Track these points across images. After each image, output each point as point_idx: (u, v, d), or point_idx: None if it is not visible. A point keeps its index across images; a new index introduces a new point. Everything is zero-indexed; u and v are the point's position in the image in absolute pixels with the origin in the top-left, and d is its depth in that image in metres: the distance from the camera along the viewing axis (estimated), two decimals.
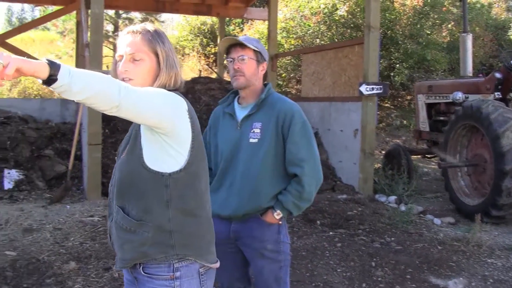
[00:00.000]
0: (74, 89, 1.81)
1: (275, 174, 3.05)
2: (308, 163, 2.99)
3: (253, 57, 3.08)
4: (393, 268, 5.51)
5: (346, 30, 16.51)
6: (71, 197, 7.84)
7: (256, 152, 3.04)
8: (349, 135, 9.19)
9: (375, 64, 8.72)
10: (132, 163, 2.22)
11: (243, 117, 3.13)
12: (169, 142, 2.15)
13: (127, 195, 2.24)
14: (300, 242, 6.19)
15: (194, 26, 21.67)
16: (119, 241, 2.27)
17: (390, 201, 8.19)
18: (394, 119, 16.59)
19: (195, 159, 2.24)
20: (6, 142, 8.86)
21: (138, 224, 2.20)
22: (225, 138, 3.18)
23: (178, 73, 2.34)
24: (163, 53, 2.30)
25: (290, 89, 18.29)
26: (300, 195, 3.01)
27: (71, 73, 1.80)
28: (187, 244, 2.24)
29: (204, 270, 2.30)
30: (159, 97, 2.10)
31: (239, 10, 14.05)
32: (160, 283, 2.22)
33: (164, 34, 2.37)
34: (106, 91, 1.87)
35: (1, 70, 1.71)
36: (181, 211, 2.22)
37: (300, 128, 3.02)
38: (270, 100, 3.11)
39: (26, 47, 19.07)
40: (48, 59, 1.79)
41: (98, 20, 7.89)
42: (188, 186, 2.23)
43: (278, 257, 3.12)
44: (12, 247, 5.58)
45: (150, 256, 2.20)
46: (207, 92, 11.19)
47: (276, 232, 3.11)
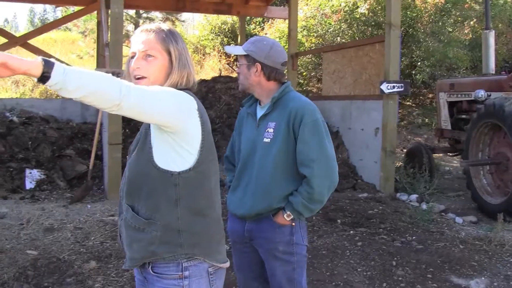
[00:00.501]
0: (70, 87, 1.81)
1: (286, 175, 3.02)
2: (318, 163, 2.92)
3: (245, 62, 3.10)
4: (414, 267, 5.46)
5: (367, 28, 16.42)
6: (92, 197, 7.90)
7: (268, 152, 3.02)
8: (370, 134, 9.14)
9: (396, 62, 8.66)
10: (141, 162, 2.23)
11: (260, 116, 3.14)
12: (178, 141, 2.15)
13: (137, 194, 2.24)
14: (321, 241, 6.17)
15: (215, 25, 21.68)
16: (128, 240, 2.28)
17: (411, 200, 8.14)
18: (415, 117, 16.46)
19: (205, 158, 2.23)
20: (28, 142, 8.95)
21: (147, 222, 2.20)
22: (246, 137, 3.20)
23: (190, 72, 2.34)
24: (176, 52, 2.30)
25: (311, 88, 18.23)
26: (310, 196, 2.94)
27: (66, 71, 1.80)
28: (196, 244, 2.23)
29: (213, 269, 2.30)
30: (167, 95, 2.09)
31: (259, 9, 14.04)
32: (169, 282, 2.21)
33: (178, 34, 2.37)
34: (105, 89, 1.87)
35: None
36: (190, 210, 2.22)
37: (310, 127, 2.95)
38: (284, 99, 3.08)
39: (47, 48, 19.28)
40: (44, 58, 1.80)
41: (118, 20, 7.93)
42: (197, 185, 2.23)
43: (291, 259, 3.08)
44: (33, 246, 5.63)
45: (158, 255, 2.20)
46: (227, 91, 11.22)
47: (288, 233, 3.06)
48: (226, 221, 3.33)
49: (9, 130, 9.12)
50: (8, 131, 9.07)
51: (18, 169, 8.42)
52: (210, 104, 10.62)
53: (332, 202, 7.77)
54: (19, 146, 8.88)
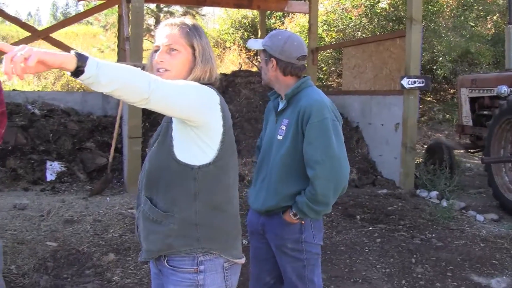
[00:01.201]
0: (102, 81, 1.81)
1: (294, 174, 2.98)
2: (322, 165, 2.83)
3: (263, 57, 3.11)
4: (434, 265, 5.42)
5: (388, 23, 16.33)
6: (111, 190, 7.95)
7: (279, 150, 3.01)
8: (390, 129, 9.08)
9: (417, 57, 8.59)
10: (162, 155, 2.23)
11: (277, 112, 3.14)
12: (200, 135, 2.15)
13: (155, 186, 2.25)
14: (339, 237, 6.15)
15: (235, 19, 21.69)
16: (145, 232, 2.28)
17: (431, 197, 8.08)
18: (436, 113, 16.34)
19: (224, 153, 2.23)
20: (49, 135, 9.03)
21: (164, 215, 2.20)
22: (268, 132, 3.22)
23: (213, 68, 2.35)
24: (200, 47, 2.31)
25: (331, 83, 18.18)
26: (314, 198, 2.86)
27: (99, 65, 1.81)
28: (213, 238, 2.23)
29: (228, 265, 2.29)
30: (191, 90, 2.10)
31: (280, 3, 14.01)
32: (183, 276, 2.22)
33: (201, 29, 2.38)
34: (135, 83, 1.87)
35: (22, 62, 1.71)
36: (208, 205, 2.21)
37: (316, 127, 2.86)
38: (298, 96, 3.03)
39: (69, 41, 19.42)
40: (76, 52, 1.80)
41: (139, 14, 7.95)
42: (216, 180, 2.23)
43: (300, 256, 3.05)
44: (53, 238, 5.68)
45: (175, 248, 2.20)
46: (247, 85, 11.20)
47: (297, 231, 3.03)
48: (246, 215, 3.34)
49: (31, 122, 9.20)
50: (30, 124, 9.15)
51: (39, 161, 8.50)
52: (230, 98, 10.61)
53: (352, 197, 7.74)
54: (41, 139, 8.96)
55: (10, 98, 9.82)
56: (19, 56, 1.71)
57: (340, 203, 7.38)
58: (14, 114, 9.26)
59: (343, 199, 7.63)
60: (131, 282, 4.76)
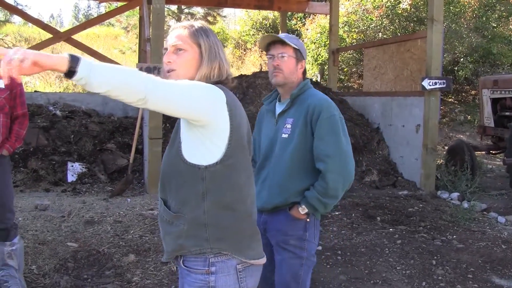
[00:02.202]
0: (94, 82, 1.84)
1: (303, 170, 3.03)
2: (333, 159, 2.93)
3: (293, 55, 3.09)
4: (455, 267, 5.37)
5: (409, 24, 16.24)
6: (132, 191, 7.99)
7: (286, 147, 3.04)
8: (411, 130, 9.03)
9: (438, 58, 8.53)
10: (172, 156, 2.25)
11: (279, 113, 3.16)
12: (206, 135, 2.15)
13: (168, 188, 2.26)
14: (360, 239, 6.12)
15: (256, 20, 21.73)
16: (162, 233, 2.33)
17: (452, 198, 8.01)
18: (458, 114, 16.20)
19: (233, 152, 2.21)
20: (70, 136, 9.11)
21: (175, 216, 2.22)
22: (265, 134, 3.24)
23: (222, 64, 2.33)
24: (206, 45, 2.31)
25: (352, 84, 18.12)
26: (325, 191, 2.94)
27: (92, 67, 1.84)
28: (222, 238, 2.21)
29: (242, 266, 2.26)
30: (194, 89, 2.10)
31: (300, 4, 13.99)
32: (196, 277, 2.22)
33: (211, 30, 2.39)
34: (129, 84, 1.89)
35: (18, 65, 1.76)
36: (217, 204, 2.20)
37: (327, 123, 2.97)
38: (303, 96, 3.11)
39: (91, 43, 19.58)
40: (71, 54, 1.84)
41: (160, 15, 7.99)
42: (225, 179, 2.21)
43: (301, 254, 3.08)
44: (74, 239, 5.72)
45: (186, 249, 2.21)
46: (267, 86, 11.18)
47: (301, 228, 3.07)
48: None
49: (52, 123, 9.29)
50: (51, 125, 9.24)
51: (60, 162, 8.57)
52: (250, 99, 10.61)
53: (372, 199, 7.71)
54: (62, 140, 9.03)
55: (32, 100, 9.92)
56: (16, 59, 1.75)
57: (361, 204, 7.36)
58: (36, 115, 9.35)
59: (364, 200, 7.60)
60: (151, 283, 4.77)
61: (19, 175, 8.18)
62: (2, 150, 4.34)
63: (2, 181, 4.39)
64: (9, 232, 4.41)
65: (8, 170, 4.51)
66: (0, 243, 4.42)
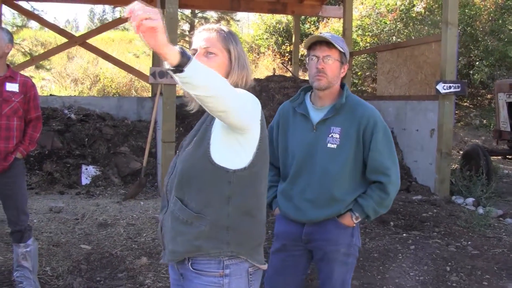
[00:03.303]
0: (195, 83, 1.85)
1: (353, 180, 2.99)
2: (392, 170, 2.94)
3: (338, 59, 2.97)
4: (469, 273, 5.32)
5: (424, 27, 16.17)
6: (145, 194, 8.02)
7: (335, 158, 2.94)
8: (425, 135, 8.98)
9: (453, 62, 8.48)
10: (197, 156, 2.23)
11: (320, 120, 3.01)
12: (241, 141, 2.16)
13: (187, 187, 2.24)
14: (373, 244, 6.08)
15: (270, 24, 21.73)
16: (172, 233, 2.27)
17: (467, 203, 7.94)
18: (473, 119, 16.10)
19: (258, 161, 2.23)
20: (84, 139, 9.16)
21: (196, 216, 2.20)
22: (297, 140, 3.07)
23: (248, 74, 2.37)
24: (235, 52, 2.33)
25: (365, 88, 18.07)
26: (383, 201, 2.95)
27: (197, 67, 1.84)
28: (242, 243, 2.23)
29: (253, 270, 2.29)
30: (248, 101, 2.10)
31: (314, 8, 13.97)
32: (208, 279, 2.21)
33: (237, 36, 2.41)
34: (221, 94, 1.91)
35: (142, 17, 1.73)
36: (239, 209, 2.21)
37: (383, 136, 2.94)
38: (349, 104, 3.00)
39: (105, 47, 19.68)
40: (181, 48, 1.84)
41: (173, 20, 8.01)
42: (249, 186, 2.23)
43: (348, 260, 3.06)
44: (87, 241, 5.75)
45: (204, 251, 2.19)
46: (280, 90, 11.20)
47: (350, 235, 3.04)
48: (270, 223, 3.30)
49: (67, 127, 9.35)
50: (66, 128, 9.30)
51: (74, 165, 8.63)
52: (263, 103, 10.62)
53: None
54: (76, 143, 9.09)
55: (47, 103, 10.00)
56: (143, 14, 1.73)
57: None
58: (51, 118, 9.43)
59: None
60: (163, 286, 4.78)
61: (34, 177, 8.25)
62: (16, 153, 4.39)
63: (17, 183, 4.45)
64: (23, 234, 4.46)
65: (22, 173, 4.56)
66: (15, 244, 4.48)
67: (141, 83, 18.27)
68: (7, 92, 4.36)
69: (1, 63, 4.42)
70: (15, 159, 4.39)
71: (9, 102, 4.35)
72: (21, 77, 4.52)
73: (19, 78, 4.49)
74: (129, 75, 17.32)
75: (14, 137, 4.39)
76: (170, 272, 2.46)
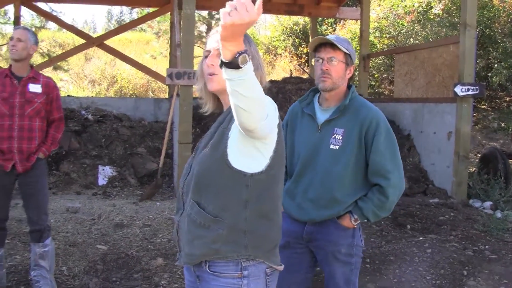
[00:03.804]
0: (242, 86, 1.86)
1: (355, 182, 3.00)
2: (393, 174, 2.93)
3: (343, 60, 3.01)
4: (487, 278, 5.28)
5: (441, 29, 16.02)
6: (161, 195, 8.04)
7: (337, 159, 2.97)
8: (443, 138, 8.92)
9: (471, 64, 8.41)
10: (214, 159, 2.22)
11: (324, 121, 3.06)
12: (258, 146, 2.16)
13: (204, 190, 2.23)
14: (389, 247, 6.05)
15: (286, 26, 21.67)
16: (189, 236, 2.26)
17: (485, 207, 7.88)
18: (491, 121, 15.94)
19: (276, 164, 2.23)
20: (101, 140, 9.21)
21: (213, 220, 2.20)
22: (303, 140, 3.12)
23: (263, 75, 2.35)
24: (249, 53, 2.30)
25: (382, 90, 17.98)
26: (383, 205, 2.96)
27: (249, 71, 1.85)
28: (259, 246, 2.23)
29: (270, 271, 2.30)
30: (268, 109, 2.08)
31: (331, 9, 13.93)
32: (226, 281, 2.21)
33: (251, 38, 2.39)
34: (256, 107, 1.92)
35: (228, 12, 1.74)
36: (257, 213, 2.22)
37: (385, 138, 2.95)
38: (354, 105, 3.03)
39: (123, 48, 19.78)
40: (242, 52, 1.84)
41: (190, 21, 8.03)
42: (266, 189, 2.23)
43: (351, 260, 3.07)
44: (103, 241, 5.78)
45: (222, 254, 2.19)
46: (297, 92, 11.19)
47: (350, 236, 3.06)
48: None
49: (84, 127, 9.41)
50: (83, 129, 9.36)
51: (91, 165, 8.67)
52: (280, 105, 10.61)
53: (402, 207, 7.62)
54: (93, 143, 9.14)
55: (65, 104, 10.06)
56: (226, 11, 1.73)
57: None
58: (68, 119, 9.49)
59: (394, 208, 7.50)
60: (178, 287, 4.79)
61: (51, 177, 8.31)
62: (38, 153, 4.44)
63: (39, 183, 4.52)
64: (42, 233, 4.51)
65: (44, 173, 4.62)
66: (33, 244, 4.51)
67: (158, 84, 18.33)
68: (30, 93, 4.43)
69: (25, 64, 4.51)
70: (37, 159, 4.46)
71: (32, 103, 4.41)
72: (44, 78, 4.59)
73: (41, 79, 4.55)
74: (146, 76, 17.38)
75: (37, 137, 4.46)
76: (185, 273, 2.46)
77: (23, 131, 4.36)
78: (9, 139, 4.32)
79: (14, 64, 4.47)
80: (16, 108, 4.35)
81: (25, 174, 4.42)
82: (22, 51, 4.42)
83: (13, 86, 4.39)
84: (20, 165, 4.37)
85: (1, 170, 4.35)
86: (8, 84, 4.40)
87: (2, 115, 4.33)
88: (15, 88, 4.39)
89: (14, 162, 4.35)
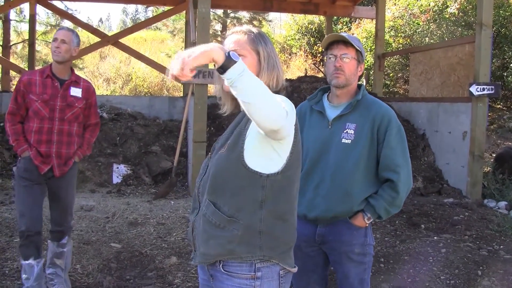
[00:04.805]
0: (239, 86, 1.91)
1: (366, 177, 3.01)
2: (403, 169, 2.96)
3: (355, 57, 3.05)
4: (502, 278, 5.24)
5: (457, 29, 15.95)
6: (175, 193, 8.06)
7: (349, 154, 2.99)
8: (458, 137, 8.87)
9: (487, 64, 8.36)
10: (231, 160, 2.23)
11: (335, 116, 3.08)
12: (275, 147, 2.17)
13: (220, 191, 2.24)
14: (403, 246, 6.03)
15: (302, 25, 21.64)
16: (204, 236, 2.27)
17: (500, 207, 7.83)
18: (506, 121, 15.83)
19: (292, 165, 2.24)
20: (116, 138, 9.24)
21: (229, 220, 2.20)
22: (313, 136, 3.13)
23: (280, 75, 2.37)
24: (265, 52, 2.33)
25: (397, 89, 17.91)
26: (393, 201, 2.96)
27: (243, 72, 1.91)
28: (274, 247, 2.23)
29: (284, 272, 2.29)
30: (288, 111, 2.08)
31: (346, 8, 13.89)
32: (240, 281, 2.22)
33: (267, 37, 2.41)
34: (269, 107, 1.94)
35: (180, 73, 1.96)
36: (272, 214, 2.22)
37: (396, 133, 2.98)
38: (365, 101, 3.07)
39: (138, 46, 19.84)
40: (229, 52, 1.93)
41: (205, 19, 8.04)
42: (282, 190, 2.23)
43: (364, 260, 3.08)
44: (117, 240, 5.80)
45: (236, 254, 2.20)
46: (312, 91, 11.10)
47: (363, 235, 3.07)
48: None
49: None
50: None
51: (106, 163, 8.71)
52: (295, 103, 10.37)
53: (417, 206, 7.59)
54: (108, 142, 9.18)
55: None
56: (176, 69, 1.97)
57: (405, 211, 7.25)
58: None
59: (408, 207, 7.49)
60: (192, 285, 4.80)
61: None
62: (75, 157, 4.42)
63: (70, 186, 4.48)
64: (64, 233, 4.50)
65: (75, 176, 4.60)
66: (51, 242, 4.51)
67: (172, 82, 18.38)
68: (72, 97, 4.35)
69: (67, 66, 4.41)
70: (73, 163, 4.44)
71: (72, 108, 4.35)
72: (84, 82, 4.51)
73: (82, 83, 4.47)
74: (161, 75, 17.44)
75: (75, 142, 4.42)
76: (199, 272, 2.47)
77: (62, 135, 4.30)
78: (48, 143, 4.25)
79: (56, 65, 4.35)
80: (56, 111, 4.27)
81: (59, 177, 4.36)
82: (65, 53, 4.29)
83: (54, 88, 4.29)
84: (58, 170, 4.31)
85: (36, 172, 4.27)
86: (50, 85, 4.29)
87: (42, 117, 4.23)
88: (57, 90, 4.29)
89: (52, 165, 4.29)
